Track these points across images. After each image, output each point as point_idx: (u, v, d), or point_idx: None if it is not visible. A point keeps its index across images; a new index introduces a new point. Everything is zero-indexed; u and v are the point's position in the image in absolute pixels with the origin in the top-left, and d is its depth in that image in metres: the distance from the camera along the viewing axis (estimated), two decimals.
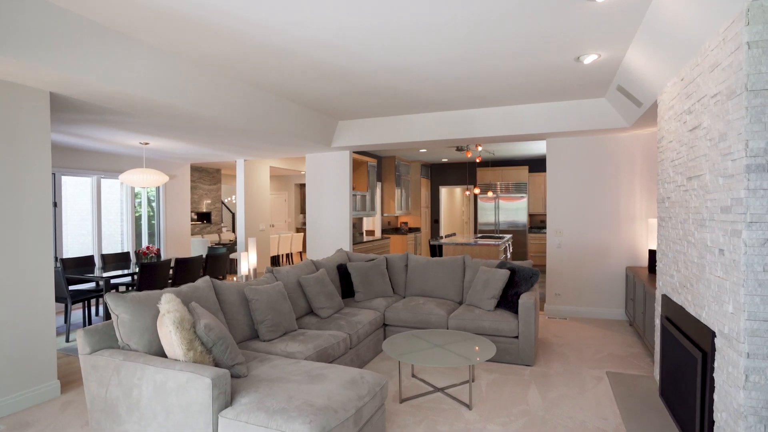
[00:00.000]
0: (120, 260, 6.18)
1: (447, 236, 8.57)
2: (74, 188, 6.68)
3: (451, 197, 13.04)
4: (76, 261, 5.63)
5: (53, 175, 6.24)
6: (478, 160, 9.55)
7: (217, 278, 5.56)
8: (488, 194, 10.53)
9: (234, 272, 9.10)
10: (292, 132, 5.42)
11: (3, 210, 3.10)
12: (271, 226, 9.15)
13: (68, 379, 3.72)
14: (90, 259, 5.82)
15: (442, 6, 2.71)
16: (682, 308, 2.82)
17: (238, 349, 2.52)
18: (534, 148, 9.05)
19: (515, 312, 4.11)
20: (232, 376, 2.44)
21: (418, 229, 10.90)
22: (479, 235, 9.01)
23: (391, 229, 10.69)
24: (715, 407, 2.24)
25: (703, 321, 2.43)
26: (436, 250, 7.68)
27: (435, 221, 12.00)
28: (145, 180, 5.59)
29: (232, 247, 8.85)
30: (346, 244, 7.02)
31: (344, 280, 4.76)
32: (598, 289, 5.68)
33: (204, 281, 3.17)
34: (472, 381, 3.15)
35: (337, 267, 4.83)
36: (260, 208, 8.69)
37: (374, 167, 8.85)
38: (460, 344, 3.38)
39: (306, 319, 3.99)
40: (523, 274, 4.25)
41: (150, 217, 8.03)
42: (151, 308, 2.55)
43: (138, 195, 7.80)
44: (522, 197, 10.52)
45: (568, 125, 5.22)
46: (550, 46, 3.37)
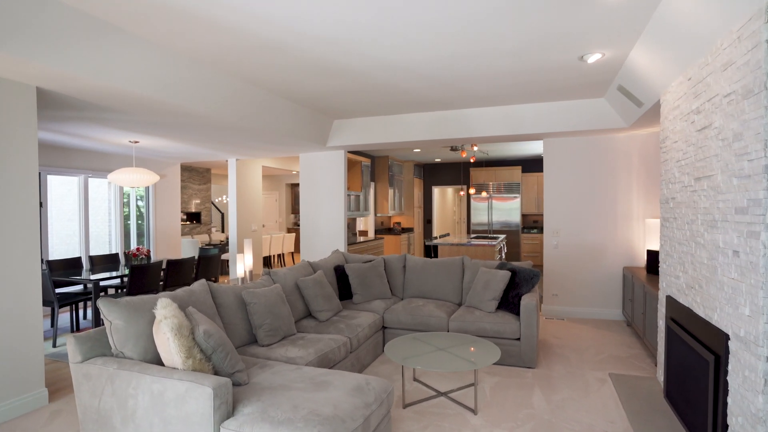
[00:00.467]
0: (109, 262, 6.00)
1: (441, 236, 8.51)
2: (60, 188, 6.47)
3: (443, 197, 13.01)
4: (63, 263, 5.45)
5: (39, 174, 6.03)
6: (472, 160, 9.52)
7: (210, 280, 5.42)
8: (481, 194, 10.52)
9: (225, 273, 8.94)
10: (286, 130, 5.31)
11: None
12: (262, 226, 9.00)
13: (56, 386, 3.57)
14: (77, 260, 5.64)
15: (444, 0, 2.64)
16: (689, 310, 2.78)
17: (238, 356, 2.42)
18: (527, 149, 9.04)
19: (516, 313, 4.06)
20: (233, 385, 2.34)
21: (411, 230, 10.83)
22: (473, 235, 8.97)
23: (384, 229, 10.61)
24: (729, 411, 2.20)
25: (714, 323, 2.39)
26: (431, 251, 7.62)
27: (428, 221, 11.95)
28: (135, 179, 5.42)
29: (222, 247, 8.69)
30: (341, 244, 6.92)
31: (342, 282, 4.67)
32: (596, 290, 5.66)
33: (200, 284, 3.05)
34: (476, 385, 3.08)
35: (335, 268, 4.74)
36: (252, 208, 8.54)
37: (368, 167, 8.76)
38: (463, 347, 3.32)
39: (304, 322, 3.89)
40: (524, 275, 4.21)
41: (138, 218, 7.84)
42: (146, 314, 2.43)
43: (126, 195, 7.61)
44: (515, 197, 10.54)
45: (566, 125, 5.19)
46: (555, 44, 3.32)
